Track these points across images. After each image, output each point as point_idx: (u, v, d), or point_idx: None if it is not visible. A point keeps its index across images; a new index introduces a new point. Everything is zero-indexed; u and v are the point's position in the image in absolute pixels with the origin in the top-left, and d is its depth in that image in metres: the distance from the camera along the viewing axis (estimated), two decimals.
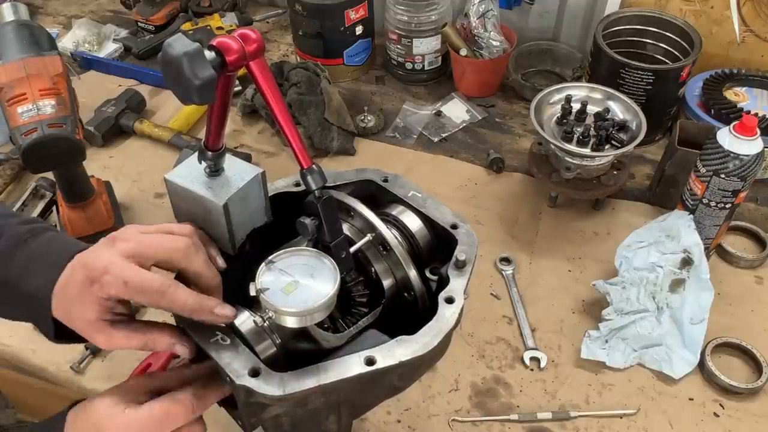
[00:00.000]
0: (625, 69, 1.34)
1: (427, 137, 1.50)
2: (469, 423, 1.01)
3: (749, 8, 1.43)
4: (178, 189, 0.78)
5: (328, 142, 1.44)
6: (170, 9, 1.81)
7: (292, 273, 0.69)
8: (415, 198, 0.85)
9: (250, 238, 0.81)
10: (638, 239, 1.14)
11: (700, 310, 1.07)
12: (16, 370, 1.13)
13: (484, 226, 1.30)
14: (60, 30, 1.87)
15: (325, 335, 0.76)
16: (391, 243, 0.78)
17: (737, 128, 1.05)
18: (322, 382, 0.67)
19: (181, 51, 0.60)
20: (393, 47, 1.61)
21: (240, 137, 1.52)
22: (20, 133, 1.02)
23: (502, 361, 1.09)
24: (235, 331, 0.73)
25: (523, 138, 1.49)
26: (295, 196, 0.86)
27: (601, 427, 1.01)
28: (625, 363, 1.07)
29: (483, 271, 1.21)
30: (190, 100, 0.62)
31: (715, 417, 1.02)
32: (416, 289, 0.79)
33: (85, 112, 1.40)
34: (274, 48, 1.80)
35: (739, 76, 1.43)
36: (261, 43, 0.67)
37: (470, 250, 0.80)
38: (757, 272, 1.21)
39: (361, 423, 1.01)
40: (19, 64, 1.06)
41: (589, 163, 1.22)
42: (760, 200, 1.33)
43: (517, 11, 1.64)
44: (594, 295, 1.15)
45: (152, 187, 1.40)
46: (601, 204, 1.31)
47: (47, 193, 1.32)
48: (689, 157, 1.18)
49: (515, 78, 1.56)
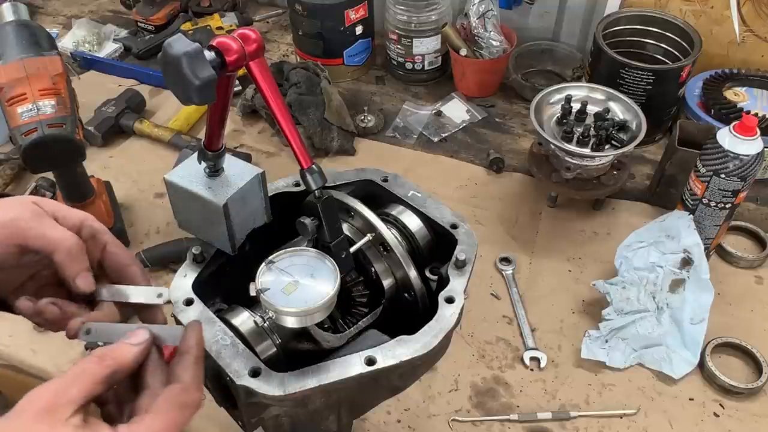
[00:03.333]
0: (625, 69, 1.34)
1: (427, 137, 1.50)
2: (469, 423, 1.01)
3: (749, 8, 1.42)
4: (178, 189, 0.78)
5: (328, 142, 1.44)
6: (170, 9, 1.81)
7: (292, 273, 0.69)
8: (415, 198, 0.85)
9: (250, 238, 0.81)
10: (638, 239, 1.14)
11: (700, 310, 1.07)
12: (16, 370, 1.13)
13: (484, 226, 1.30)
14: (60, 30, 1.87)
15: (326, 335, 0.76)
16: (391, 243, 0.78)
17: (737, 128, 1.05)
18: (323, 382, 0.67)
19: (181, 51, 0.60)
20: (393, 47, 1.61)
21: (240, 137, 1.52)
22: (20, 133, 1.02)
23: (502, 361, 1.09)
24: (235, 331, 0.73)
25: (523, 138, 1.49)
26: (295, 196, 0.86)
27: (601, 427, 1.01)
28: (625, 363, 1.07)
29: (483, 271, 1.21)
30: (189, 100, 0.62)
31: (715, 417, 1.02)
32: (416, 289, 0.79)
33: (85, 112, 1.40)
34: (274, 48, 1.80)
35: (739, 76, 1.43)
36: (261, 43, 0.67)
37: (470, 250, 0.80)
38: (757, 272, 1.21)
39: (361, 423, 1.01)
40: (19, 64, 1.06)
41: (589, 163, 1.22)
42: (760, 200, 1.33)
43: (517, 11, 1.64)
44: (594, 295, 1.15)
45: (152, 187, 1.40)
46: (601, 204, 1.31)
47: (47, 193, 1.32)
48: (689, 157, 1.18)
49: (515, 78, 1.56)
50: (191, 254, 0.79)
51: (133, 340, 0.58)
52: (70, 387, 0.53)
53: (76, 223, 0.66)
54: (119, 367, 0.56)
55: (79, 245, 0.63)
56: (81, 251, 0.63)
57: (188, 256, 0.79)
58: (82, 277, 0.63)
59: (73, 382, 0.53)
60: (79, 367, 0.55)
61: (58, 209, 0.66)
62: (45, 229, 0.62)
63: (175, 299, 0.75)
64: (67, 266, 0.63)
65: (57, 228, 0.63)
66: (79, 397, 0.53)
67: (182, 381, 0.58)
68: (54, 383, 0.53)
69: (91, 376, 0.54)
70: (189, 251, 0.79)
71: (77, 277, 0.63)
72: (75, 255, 0.63)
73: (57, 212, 0.65)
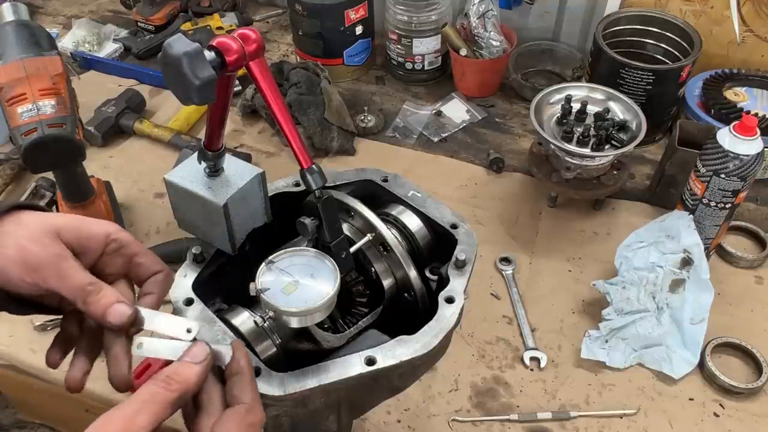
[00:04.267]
0: (625, 69, 1.34)
1: (427, 137, 1.50)
2: (469, 423, 1.01)
3: (749, 8, 1.42)
4: (178, 189, 0.78)
5: (328, 142, 1.44)
6: (170, 9, 1.81)
7: (292, 273, 0.69)
8: (415, 198, 0.85)
9: (250, 238, 0.81)
10: (638, 239, 1.14)
11: (700, 310, 1.07)
12: (16, 370, 1.13)
13: (484, 226, 1.30)
14: (60, 30, 1.87)
15: (326, 335, 0.76)
16: (391, 243, 0.78)
17: (737, 128, 1.05)
18: (323, 382, 0.67)
19: (181, 51, 0.60)
20: (393, 47, 1.61)
21: (240, 137, 1.52)
22: (20, 133, 1.01)
23: (502, 361, 1.09)
24: (235, 331, 0.73)
25: (523, 138, 1.49)
26: (295, 196, 0.86)
27: (601, 427, 1.01)
28: (625, 363, 1.07)
29: (483, 271, 1.21)
30: (189, 100, 0.62)
31: (715, 417, 1.02)
32: (416, 289, 0.79)
33: (85, 112, 1.40)
34: (274, 48, 1.80)
35: (739, 76, 1.43)
36: (261, 43, 0.67)
37: (470, 250, 0.80)
38: (757, 272, 1.21)
39: (361, 423, 1.01)
40: (19, 64, 1.05)
41: (589, 163, 1.22)
42: (760, 200, 1.33)
43: (517, 11, 1.64)
44: (594, 295, 1.15)
45: (152, 187, 1.40)
46: (601, 204, 1.31)
47: (47, 193, 1.32)
48: (689, 157, 1.18)
49: (515, 78, 1.56)
50: (191, 254, 0.79)
51: (195, 358, 0.57)
52: (139, 414, 0.52)
53: (101, 240, 0.64)
54: (186, 390, 0.56)
55: (95, 288, 0.61)
56: (97, 292, 0.61)
57: (188, 256, 0.79)
58: (110, 314, 0.60)
59: (143, 409, 0.53)
60: (146, 391, 0.54)
61: (80, 228, 0.63)
62: (66, 279, 0.60)
63: (175, 299, 0.75)
64: (90, 312, 0.61)
65: (75, 274, 0.60)
66: (149, 424, 0.52)
67: (244, 401, 0.58)
68: (123, 409, 0.53)
69: (160, 402, 0.54)
70: (189, 251, 0.79)
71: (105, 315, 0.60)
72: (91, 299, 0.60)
73: (81, 233, 0.63)
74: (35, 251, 0.59)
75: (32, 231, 0.61)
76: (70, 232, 0.62)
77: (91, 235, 0.64)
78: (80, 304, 0.60)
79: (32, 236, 0.60)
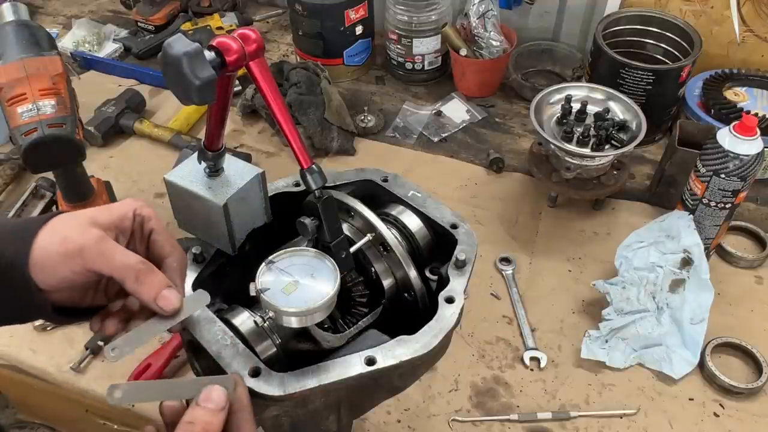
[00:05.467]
0: (625, 69, 1.34)
1: (427, 137, 1.50)
2: (469, 423, 1.01)
3: (749, 8, 1.42)
4: (178, 189, 0.78)
5: (328, 142, 1.44)
6: (170, 9, 1.81)
7: (292, 273, 0.69)
8: (415, 198, 0.85)
9: (250, 238, 0.81)
10: (638, 239, 1.14)
11: (700, 310, 1.07)
12: (16, 370, 1.13)
13: (484, 226, 1.30)
14: (60, 30, 1.87)
15: (326, 335, 0.76)
16: (391, 243, 0.78)
17: (737, 128, 1.05)
18: (323, 382, 0.67)
19: (181, 51, 0.60)
20: (393, 47, 1.61)
21: (240, 137, 1.52)
22: (20, 133, 1.01)
23: (502, 361, 1.09)
24: (235, 331, 0.73)
25: (523, 138, 1.49)
26: (295, 196, 0.86)
27: (601, 427, 1.01)
28: (625, 363, 1.07)
29: (483, 271, 1.21)
30: (189, 100, 0.62)
31: (715, 417, 1.02)
32: (416, 289, 0.79)
33: (85, 112, 1.40)
34: (274, 48, 1.80)
35: (739, 76, 1.43)
36: (261, 43, 0.67)
37: (470, 250, 0.80)
38: (757, 272, 1.21)
39: (361, 423, 1.01)
40: (19, 64, 1.06)
41: (589, 163, 1.22)
42: (760, 200, 1.33)
43: (517, 11, 1.64)
44: (594, 295, 1.15)
45: (152, 187, 1.40)
46: (601, 204, 1.31)
47: (47, 193, 1.32)
48: (689, 157, 1.18)
49: (515, 78, 1.56)
50: (191, 254, 0.79)
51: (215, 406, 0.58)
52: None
53: (131, 216, 0.65)
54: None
55: (147, 268, 0.62)
56: (150, 271, 0.62)
57: (188, 256, 0.79)
58: (162, 299, 0.61)
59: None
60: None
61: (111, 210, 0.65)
62: (111, 258, 0.60)
63: None
64: (140, 292, 0.61)
65: (122, 254, 0.61)
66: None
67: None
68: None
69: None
70: (189, 251, 0.79)
71: (156, 299, 0.61)
72: (144, 279, 0.61)
73: (113, 215, 0.64)
74: (75, 238, 0.60)
75: (69, 224, 0.62)
76: (103, 216, 0.64)
77: (122, 215, 0.65)
78: (130, 283, 0.61)
79: (70, 227, 0.61)
